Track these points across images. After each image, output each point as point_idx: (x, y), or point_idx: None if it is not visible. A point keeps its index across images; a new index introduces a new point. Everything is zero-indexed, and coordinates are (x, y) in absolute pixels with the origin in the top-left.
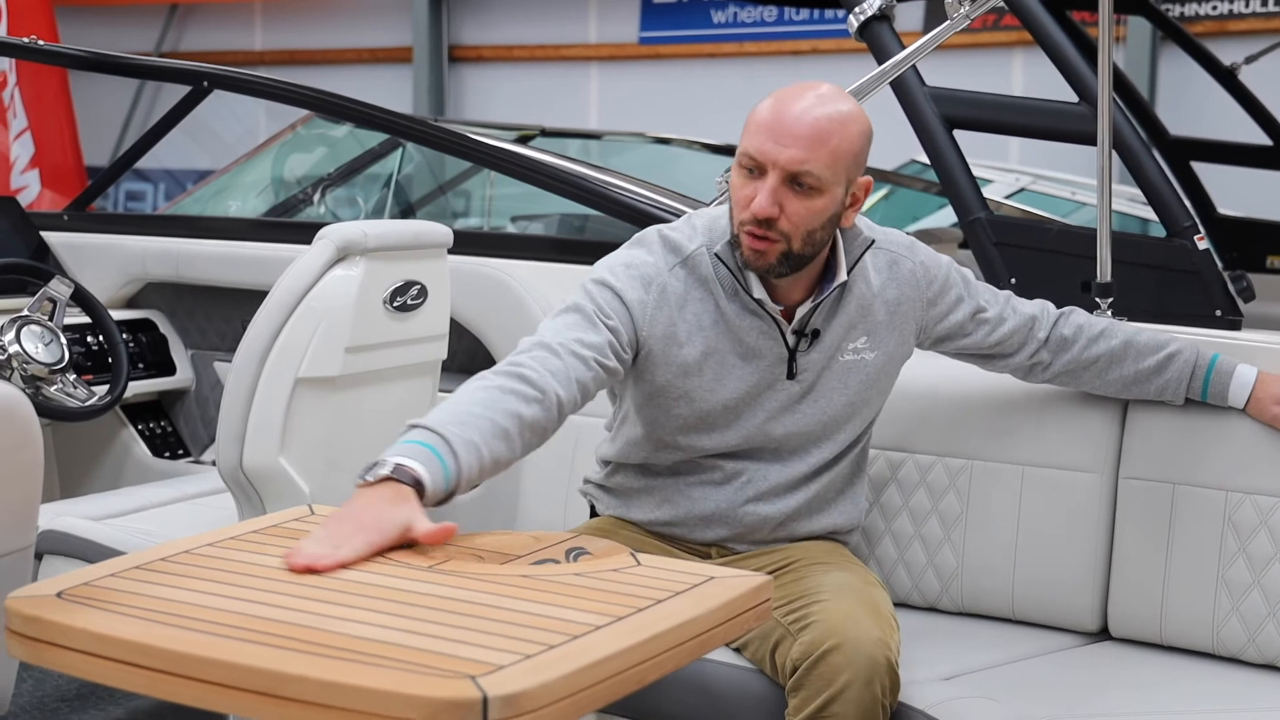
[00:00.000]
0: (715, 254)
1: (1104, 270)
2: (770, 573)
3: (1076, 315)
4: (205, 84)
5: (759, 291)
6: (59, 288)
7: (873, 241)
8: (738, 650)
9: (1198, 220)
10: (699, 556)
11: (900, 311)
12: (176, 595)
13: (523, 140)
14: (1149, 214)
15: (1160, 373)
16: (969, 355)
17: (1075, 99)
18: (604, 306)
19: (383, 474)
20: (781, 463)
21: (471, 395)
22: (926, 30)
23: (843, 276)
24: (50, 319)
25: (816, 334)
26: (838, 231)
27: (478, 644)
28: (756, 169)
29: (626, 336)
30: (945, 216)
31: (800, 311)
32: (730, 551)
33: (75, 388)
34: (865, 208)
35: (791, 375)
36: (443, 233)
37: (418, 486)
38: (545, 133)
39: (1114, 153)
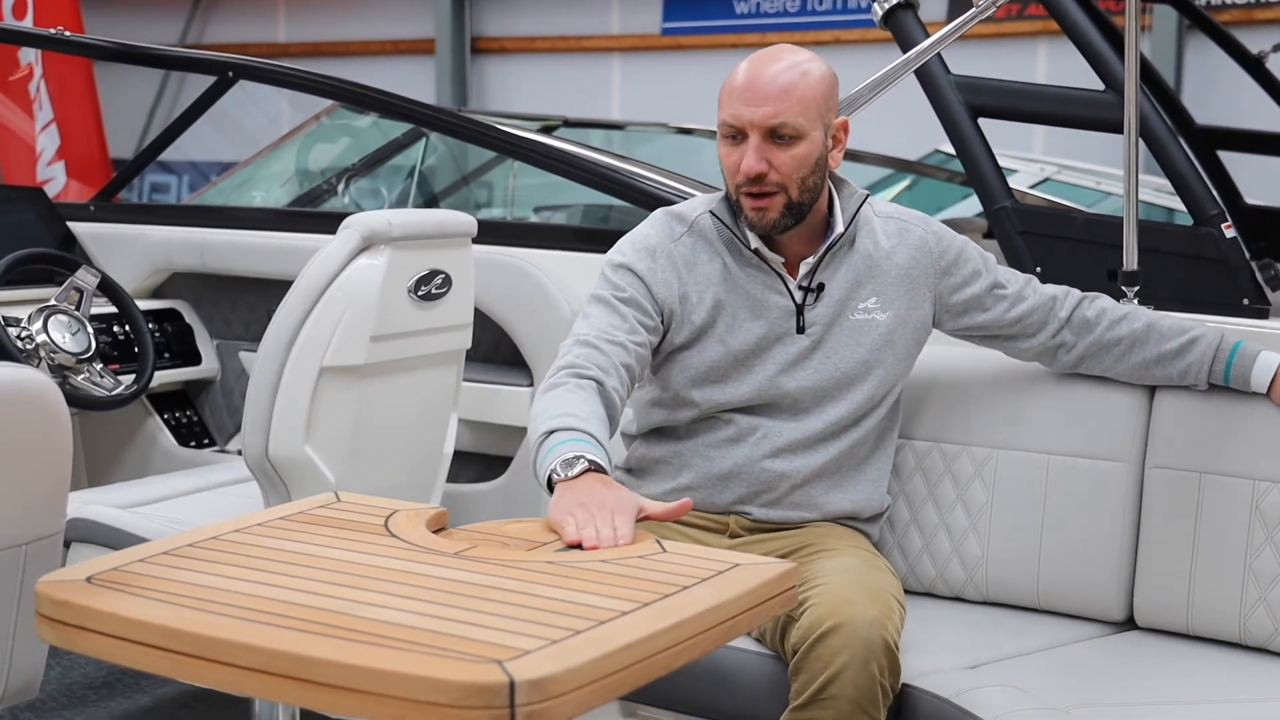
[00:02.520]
0: (711, 211)
1: (1130, 258)
2: (780, 557)
3: (1101, 300)
4: (230, 74)
5: (755, 242)
6: (86, 277)
7: (868, 195)
8: (759, 639)
9: (1225, 209)
10: (719, 530)
11: (912, 276)
12: (205, 580)
13: (546, 131)
14: (1175, 204)
15: (1183, 356)
16: (991, 337)
17: (1101, 88)
18: (619, 284)
19: (583, 468)
20: (796, 420)
21: (562, 400)
22: (950, 19)
23: (840, 227)
24: (77, 308)
25: (822, 288)
26: (833, 187)
27: (504, 629)
28: (738, 134)
29: (648, 303)
30: (970, 207)
31: (804, 266)
32: (748, 517)
33: (102, 377)
34: (890, 197)
35: (800, 329)
36: (467, 222)
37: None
38: (568, 123)
39: (1140, 141)
